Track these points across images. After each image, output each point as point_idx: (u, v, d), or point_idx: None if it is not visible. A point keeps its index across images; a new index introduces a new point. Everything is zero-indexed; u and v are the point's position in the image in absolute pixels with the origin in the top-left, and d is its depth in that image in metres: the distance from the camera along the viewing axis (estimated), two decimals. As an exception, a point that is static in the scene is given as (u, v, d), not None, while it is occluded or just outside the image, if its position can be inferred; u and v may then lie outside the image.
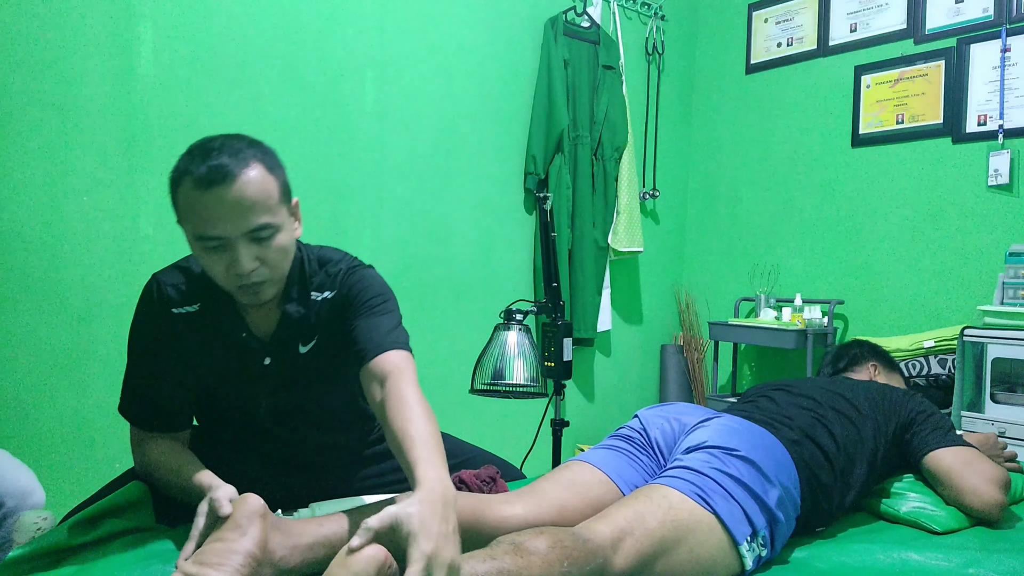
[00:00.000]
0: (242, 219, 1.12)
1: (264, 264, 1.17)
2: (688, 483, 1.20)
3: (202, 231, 1.13)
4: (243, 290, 1.18)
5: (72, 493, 1.95)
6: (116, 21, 2.10)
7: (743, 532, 1.17)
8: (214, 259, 1.15)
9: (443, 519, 0.95)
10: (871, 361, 1.95)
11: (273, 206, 1.16)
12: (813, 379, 1.73)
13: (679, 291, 3.79)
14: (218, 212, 1.11)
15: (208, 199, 1.10)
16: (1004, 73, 2.77)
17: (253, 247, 1.15)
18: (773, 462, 1.27)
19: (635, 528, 1.10)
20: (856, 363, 1.96)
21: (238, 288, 1.18)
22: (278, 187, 1.18)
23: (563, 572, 0.99)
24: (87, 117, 2.07)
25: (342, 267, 1.33)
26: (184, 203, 1.13)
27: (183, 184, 1.13)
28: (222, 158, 1.11)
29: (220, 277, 1.17)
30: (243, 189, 1.11)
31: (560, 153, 3.08)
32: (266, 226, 1.15)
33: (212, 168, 1.10)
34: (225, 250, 1.14)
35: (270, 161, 1.18)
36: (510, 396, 1.88)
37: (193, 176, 1.11)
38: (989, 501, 1.41)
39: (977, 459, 1.47)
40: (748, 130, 3.60)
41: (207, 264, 1.16)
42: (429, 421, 1.12)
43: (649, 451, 1.44)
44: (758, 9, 3.57)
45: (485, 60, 2.95)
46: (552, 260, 2.02)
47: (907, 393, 1.63)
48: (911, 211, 3.04)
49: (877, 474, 1.51)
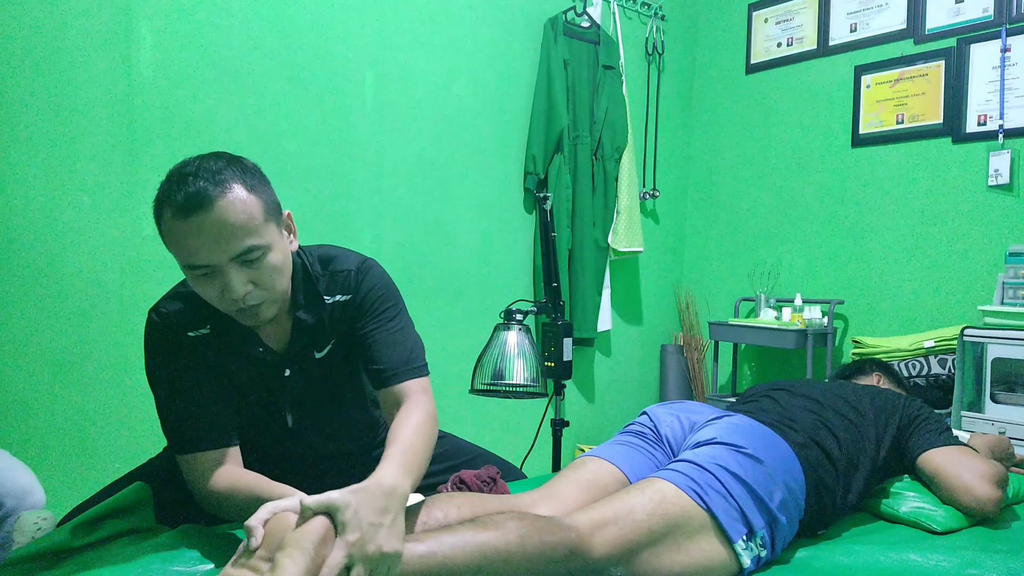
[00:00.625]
0: (227, 244, 1.08)
1: (258, 286, 1.14)
2: (686, 477, 1.19)
3: (188, 260, 1.10)
4: (241, 313, 1.16)
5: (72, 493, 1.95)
6: (116, 21, 2.10)
7: (738, 531, 1.16)
8: (206, 286, 1.12)
9: (380, 511, 0.94)
10: (876, 371, 1.97)
11: (258, 227, 1.11)
12: (814, 380, 1.73)
13: (679, 291, 3.79)
14: (201, 240, 1.07)
15: (189, 228, 1.06)
16: (1004, 73, 2.77)
17: (244, 271, 1.12)
18: (780, 463, 1.27)
19: (621, 518, 1.10)
20: (862, 371, 1.98)
21: (236, 312, 1.16)
22: (262, 206, 1.13)
23: (521, 544, 0.99)
24: (87, 117, 2.07)
25: (350, 267, 1.31)
26: (167, 233, 1.10)
27: (164, 214, 1.09)
28: (199, 183, 1.07)
29: (215, 303, 1.15)
30: (223, 214, 1.07)
31: (560, 153, 3.08)
32: (253, 248, 1.11)
33: (189, 195, 1.06)
34: (216, 276, 1.11)
35: (251, 180, 1.13)
36: (510, 396, 1.88)
37: (172, 205, 1.07)
38: (982, 497, 1.40)
39: (969, 457, 1.47)
40: (748, 130, 3.59)
41: (201, 291, 1.14)
42: (417, 435, 1.14)
43: (661, 447, 1.44)
44: (758, 9, 3.57)
45: (485, 60, 2.95)
46: (552, 260, 2.02)
47: (907, 397, 1.63)
48: (911, 211, 3.04)
49: (878, 476, 1.51)
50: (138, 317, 2.14)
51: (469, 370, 1.92)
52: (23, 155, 1.98)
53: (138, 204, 2.16)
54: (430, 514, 1.12)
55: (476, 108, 2.93)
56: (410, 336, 1.33)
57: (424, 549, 0.96)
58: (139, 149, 2.16)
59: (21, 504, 1.34)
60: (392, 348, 1.27)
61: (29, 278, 2.00)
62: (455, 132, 2.87)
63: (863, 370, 1.98)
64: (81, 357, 2.08)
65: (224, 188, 1.08)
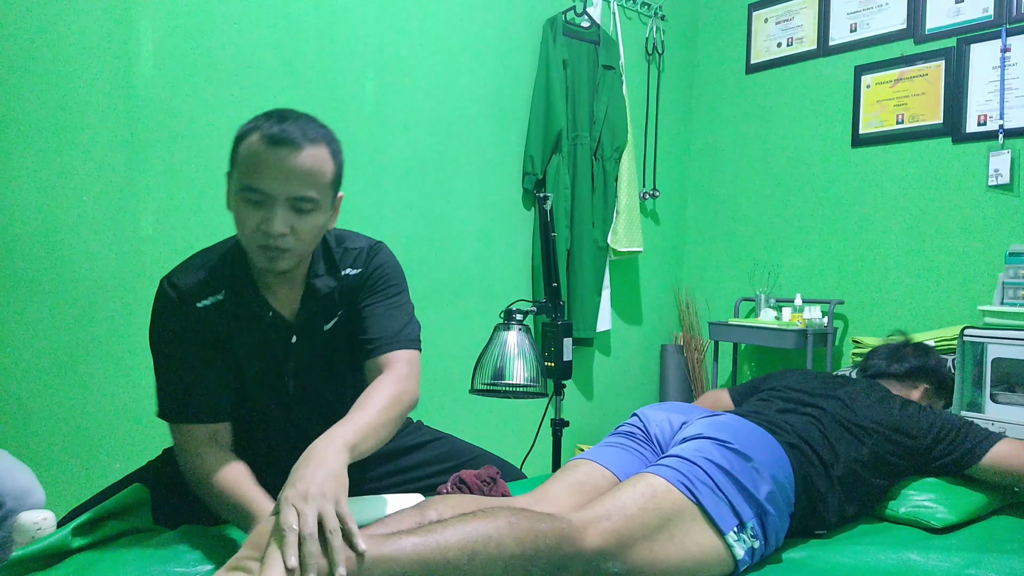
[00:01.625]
0: (291, 183, 1.17)
1: (294, 234, 1.20)
2: (675, 471, 1.20)
3: (250, 182, 1.17)
4: (263, 250, 1.20)
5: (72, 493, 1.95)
6: (116, 21, 2.10)
7: (729, 523, 1.18)
8: (249, 212, 1.19)
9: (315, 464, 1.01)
10: (924, 384, 1.85)
11: (323, 185, 1.22)
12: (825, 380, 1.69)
13: (679, 291, 3.79)
14: (273, 170, 1.16)
15: (269, 155, 1.16)
16: (1004, 73, 2.77)
17: (290, 214, 1.19)
18: (767, 457, 1.28)
19: (613, 513, 1.12)
20: (907, 378, 1.84)
21: (259, 247, 1.20)
22: (332, 173, 1.24)
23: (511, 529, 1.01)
24: (87, 117, 2.07)
25: (362, 244, 1.40)
26: (244, 153, 1.18)
27: (250, 136, 1.18)
28: (297, 126, 1.18)
29: (247, 232, 1.20)
30: (303, 158, 1.18)
31: (558, 153, 3.08)
32: (308, 199, 1.19)
33: (284, 131, 1.17)
34: (264, 207, 1.18)
35: (335, 148, 1.26)
36: (510, 396, 1.88)
37: (263, 132, 1.17)
38: None
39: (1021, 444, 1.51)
40: (748, 130, 3.59)
41: (241, 216, 1.20)
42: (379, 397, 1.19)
43: (650, 446, 1.46)
44: (758, 9, 3.57)
45: (485, 60, 2.95)
46: (552, 260, 2.02)
47: (927, 409, 1.60)
48: (911, 211, 3.04)
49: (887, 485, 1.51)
50: (138, 317, 2.15)
51: (469, 370, 1.92)
52: (23, 155, 1.98)
53: (138, 204, 2.16)
54: (425, 515, 1.13)
55: (476, 108, 2.93)
56: (406, 313, 1.38)
57: (418, 538, 0.98)
58: (139, 149, 2.16)
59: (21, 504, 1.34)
60: (386, 321, 1.34)
61: (29, 278, 2.00)
62: (455, 132, 2.88)
63: (912, 376, 1.84)
64: (81, 357, 2.08)
65: (314, 141, 1.20)
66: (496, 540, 0.99)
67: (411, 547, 0.96)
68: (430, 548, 0.97)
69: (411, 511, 1.14)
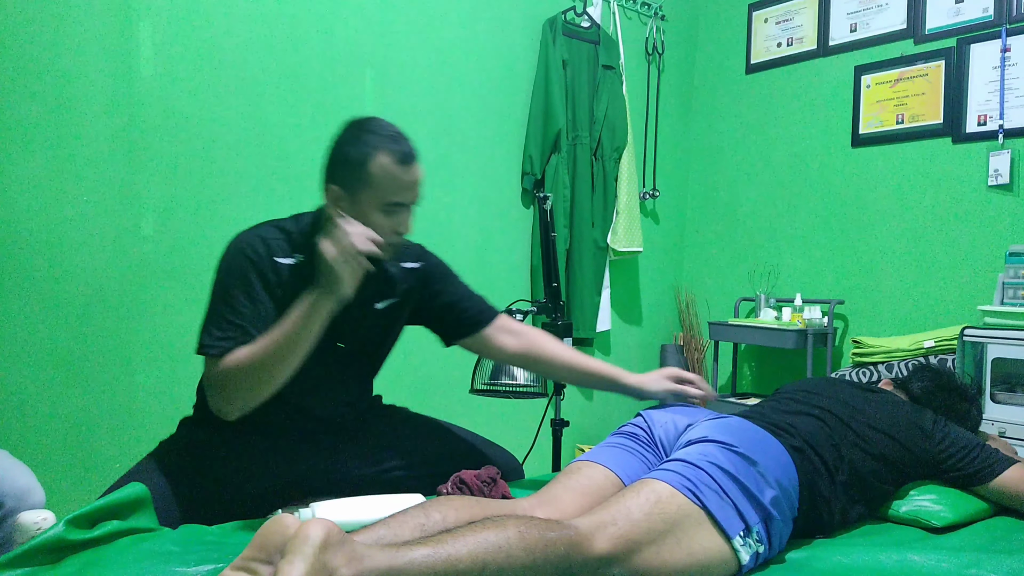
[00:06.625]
0: (418, 191, 1.41)
1: None
2: (680, 476, 1.20)
3: (394, 197, 1.37)
4: (391, 243, 1.39)
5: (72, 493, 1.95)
6: (116, 21, 2.10)
7: (735, 527, 1.17)
8: (388, 218, 1.38)
9: None
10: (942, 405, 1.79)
11: None
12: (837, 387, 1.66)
13: (679, 291, 3.79)
14: (410, 184, 1.38)
15: (407, 174, 1.37)
16: (1004, 73, 2.77)
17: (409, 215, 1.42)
18: (771, 461, 1.27)
19: (619, 519, 1.11)
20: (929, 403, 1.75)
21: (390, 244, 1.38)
22: None
23: (521, 538, 1.01)
24: (87, 117, 2.07)
25: (412, 243, 1.58)
26: (381, 174, 1.35)
27: (378, 158, 1.35)
28: (408, 142, 1.39)
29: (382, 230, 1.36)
30: (421, 170, 1.42)
31: (557, 153, 3.08)
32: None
33: (408, 149, 1.38)
34: (399, 213, 1.39)
35: None
36: (510, 396, 1.89)
37: (393, 154, 1.35)
38: None
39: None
40: (748, 130, 3.59)
41: (378, 223, 1.36)
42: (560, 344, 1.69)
43: (653, 448, 1.45)
44: (758, 9, 3.57)
45: (485, 60, 2.95)
46: (552, 260, 2.02)
47: (941, 420, 1.59)
48: (911, 211, 3.04)
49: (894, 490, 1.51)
50: (138, 317, 2.15)
51: (469, 370, 1.92)
52: (23, 155, 1.98)
53: (138, 204, 2.16)
54: (428, 516, 1.13)
55: (475, 108, 2.93)
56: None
57: (428, 549, 0.97)
58: (139, 149, 2.16)
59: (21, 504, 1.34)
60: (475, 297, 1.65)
61: (30, 278, 2.00)
62: (454, 132, 2.87)
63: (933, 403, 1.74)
64: (81, 357, 2.08)
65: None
66: (506, 551, 0.99)
67: (422, 558, 0.96)
68: (441, 560, 0.96)
69: (414, 511, 1.14)
